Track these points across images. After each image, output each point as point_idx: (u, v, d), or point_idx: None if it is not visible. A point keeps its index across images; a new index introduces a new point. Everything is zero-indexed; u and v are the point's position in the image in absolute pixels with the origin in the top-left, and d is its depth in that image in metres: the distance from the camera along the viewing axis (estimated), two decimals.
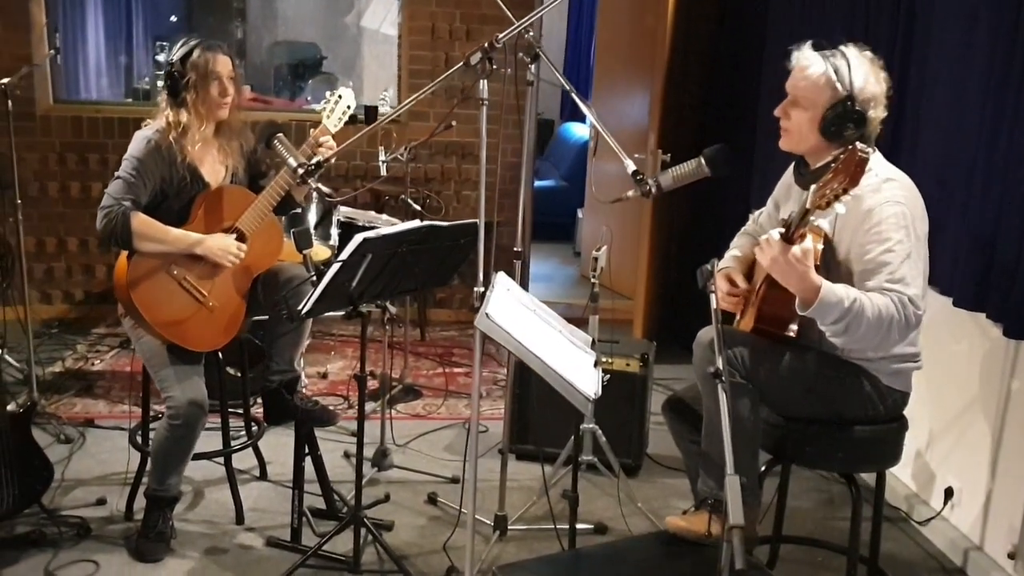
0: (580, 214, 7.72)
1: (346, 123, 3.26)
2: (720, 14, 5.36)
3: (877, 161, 2.44)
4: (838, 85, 2.36)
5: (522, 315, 2.36)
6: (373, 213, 4.69)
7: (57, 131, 5.33)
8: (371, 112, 5.03)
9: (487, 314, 2.18)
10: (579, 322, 3.23)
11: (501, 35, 2.39)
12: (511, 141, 5.70)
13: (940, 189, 3.04)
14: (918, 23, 3.31)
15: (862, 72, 2.37)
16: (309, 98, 8.07)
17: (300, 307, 2.55)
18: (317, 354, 4.95)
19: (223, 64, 2.97)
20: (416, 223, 2.61)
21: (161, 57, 8.42)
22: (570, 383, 2.18)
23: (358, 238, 2.42)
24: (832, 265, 2.38)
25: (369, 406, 4.22)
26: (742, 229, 2.90)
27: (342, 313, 2.68)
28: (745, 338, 2.42)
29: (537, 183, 7.31)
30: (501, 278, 2.48)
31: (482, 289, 2.44)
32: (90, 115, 5.38)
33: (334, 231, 4.43)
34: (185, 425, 2.83)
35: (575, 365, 2.31)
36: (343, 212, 4.56)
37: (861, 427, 2.42)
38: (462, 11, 5.53)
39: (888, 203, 2.32)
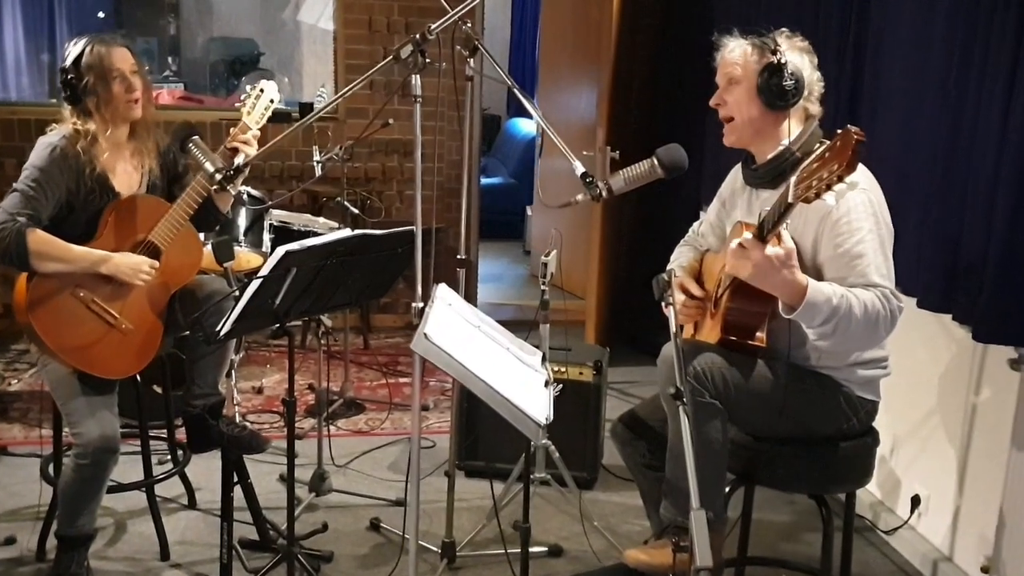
0: (529, 212, 7.53)
1: (275, 120, 3.02)
2: (666, 5, 5.20)
3: None
4: (764, 50, 2.26)
5: (465, 333, 2.15)
6: (309, 216, 4.43)
7: None
8: (307, 109, 4.77)
9: (425, 334, 1.97)
10: (532, 326, 3.04)
11: (434, 26, 2.17)
12: (454, 138, 5.49)
13: (900, 183, 2.89)
14: (872, 2, 3.17)
15: (783, 40, 2.28)
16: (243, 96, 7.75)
17: (218, 328, 2.30)
18: (252, 367, 4.69)
19: (122, 57, 2.70)
20: (346, 232, 2.38)
21: None
22: (519, 408, 1.97)
23: (280, 251, 2.19)
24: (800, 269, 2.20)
25: (308, 423, 3.99)
26: (682, 240, 2.74)
27: (267, 332, 2.45)
28: (714, 353, 2.23)
29: (484, 181, 7.10)
30: (442, 291, 2.26)
31: (420, 305, 2.22)
32: (5, 116, 5.05)
33: (266, 237, 4.17)
34: (94, 464, 2.57)
35: (524, 387, 2.10)
36: (276, 216, 4.30)
37: (832, 444, 2.26)
38: (400, 4, 5.30)
39: (853, 191, 2.15)
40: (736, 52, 2.33)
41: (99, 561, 2.92)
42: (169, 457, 3.27)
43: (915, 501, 3.11)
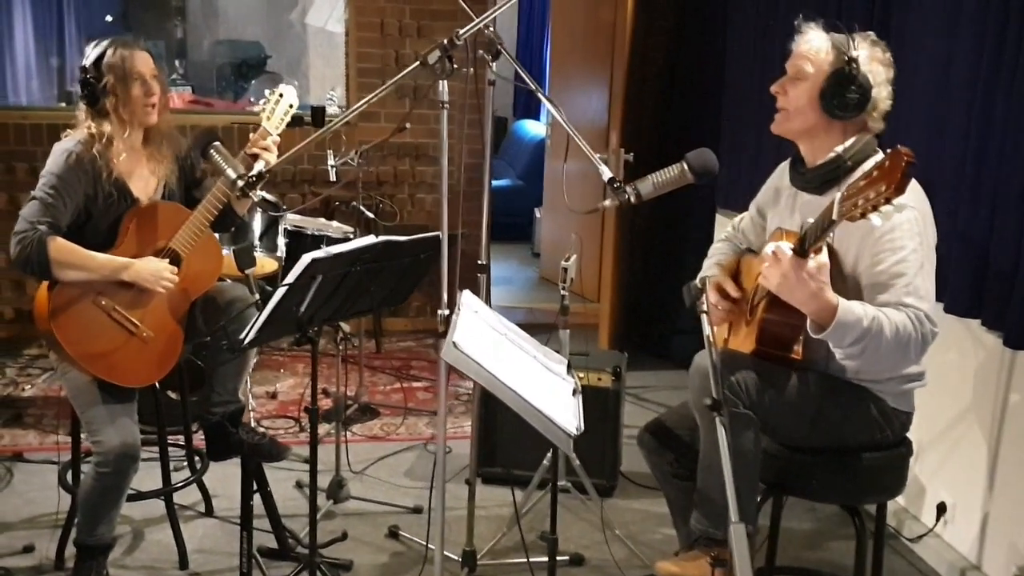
0: (538, 213, 7.50)
1: (291, 125, 3.00)
2: (681, 6, 5.16)
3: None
4: (841, 52, 2.17)
5: (492, 341, 2.12)
6: (323, 220, 4.42)
7: None
8: (318, 113, 4.73)
9: (455, 343, 1.94)
10: (545, 328, 2.99)
11: (462, 31, 2.14)
12: (468, 142, 5.45)
13: (927, 187, 2.84)
14: (895, 6, 3.14)
15: (866, 46, 2.20)
16: (252, 99, 7.74)
17: (242, 336, 2.28)
18: (265, 372, 4.66)
19: (143, 61, 2.68)
20: (371, 239, 2.35)
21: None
22: (550, 419, 1.94)
23: (306, 259, 2.16)
24: (837, 279, 2.15)
25: (323, 429, 3.96)
26: (722, 235, 2.69)
27: (289, 340, 2.43)
28: (748, 362, 2.18)
29: (493, 183, 7.08)
30: (468, 298, 2.23)
31: (447, 312, 2.19)
32: (16, 121, 5.03)
33: (281, 241, 4.15)
34: (115, 473, 2.54)
35: (553, 396, 2.07)
36: (290, 220, 4.28)
37: (867, 455, 2.22)
38: (412, 7, 5.27)
39: (900, 208, 2.12)
40: (812, 46, 2.23)
41: (117, 570, 2.89)
42: (186, 464, 3.24)
43: (941, 508, 3.07)
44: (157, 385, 2.89)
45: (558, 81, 6.75)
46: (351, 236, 4.26)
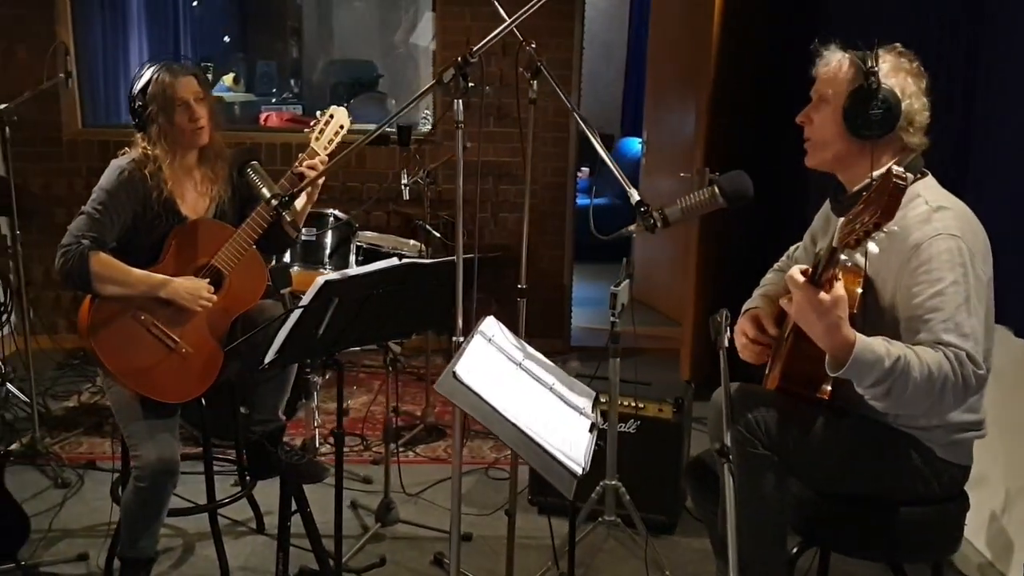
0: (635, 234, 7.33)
1: (377, 143, 3.00)
2: (777, 17, 4.93)
3: (928, 186, 2.05)
4: (860, 66, 2.02)
5: (502, 370, 2.02)
6: (397, 238, 4.42)
7: (84, 156, 5.22)
8: (404, 131, 4.75)
9: (454, 373, 1.85)
10: (631, 352, 2.84)
11: (476, 47, 2.06)
12: (550, 160, 5.39)
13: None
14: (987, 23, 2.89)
15: (890, 58, 2.03)
16: (352, 118, 7.87)
17: (261, 358, 2.25)
18: None
19: (186, 86, 2.71)
20: (391, 262, 2.29)
21: (208, 77, 8.37)
22: (552, 456, 1.83)
23: (319, 281, 2.12)
24: (874, 312, 1.98)
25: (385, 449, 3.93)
26: (775, 265, 2.53)
27: (319, 361, 2.39)
28: (770, 399, 2.03)
29: (593, 201, 6.97)
30: (487, 324, 2.15)
31: (460, 339, 2.11)
32: (117, 139, 5.21)
33: (353, 259, 4.17)
34: (152, 487, 2.57)
35: (564, 432, 1.95)
36: (365, 238, 4.30)
37: (905, 508, 2.01)
38: (497, 24, 5.21)
39: (940, 236, 1.92)
40: (831, 66, 2.11)
41: None
42: (237, 480, 3.27)
43: None
44: (204, 402, 2.92)
45: (654, 96, 6.60)
46: (424, 255, 4.25)
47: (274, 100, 8.66)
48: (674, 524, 3.36)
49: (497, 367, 2.01)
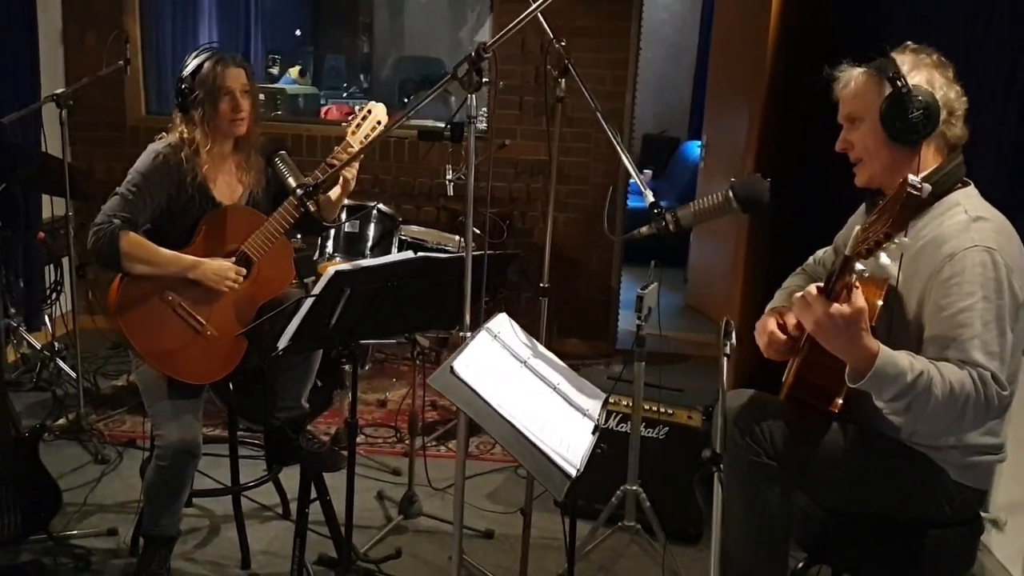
0: (692, 237, 7.23)
1: (427, 138, 3.03)
2: (837, 21, 4.80)
3: (968, 196, 1.97)
4: (883, 77, 1.95)
5: (505, 368, 2.00)
6: (441, 233, 4.43)
7: (146, 142, 5.29)
8: (457, 129, 4.76)
9: (452, 368, 1.85)
10: (678, 358, 2.81)
11: (489, 42, 2.05)
12: (600, 160, 5.35)
13: None
14: None
15: (908, 58, 1.97)
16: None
17: (272, 345, 2.28)
18: (381, 379, 4.73)
19: (234, 78, 2.77)
20: (406, 255, 2.29)
21: (275, 70, 8.52)
22: (546, 456, 1.81)
23: (330, 271, 2.14)
24: (898, 322, 1.91)
25: (419, 442, 3.95)
26: (799, 268, 2.47)
27: (334, 351, 2.41)
28: (780, 410, 1.97)
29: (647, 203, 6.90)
30: (497, 321, 2.13)
31: (466, 334, 2.10)
32: None
33: (395, 252, 4.19)
34: (172, 467, 2.62)
35: (563, 433, 1.93)
36: (410, 232, 4.32)
37: (923, 529, 1.94)
38: (554, 23, 5.18)
39: (975, 248, 1.84)
40: (851, 86, 2.05)
41: (183, 562, 2.98)
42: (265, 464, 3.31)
43: None
44: (231, 387, 2.97)
45: (714, 98, 6.50)
46: None
47: (344, 95, 8.77)
48: (700, 533, 3.30)
49: (500, 364, 2.00)
